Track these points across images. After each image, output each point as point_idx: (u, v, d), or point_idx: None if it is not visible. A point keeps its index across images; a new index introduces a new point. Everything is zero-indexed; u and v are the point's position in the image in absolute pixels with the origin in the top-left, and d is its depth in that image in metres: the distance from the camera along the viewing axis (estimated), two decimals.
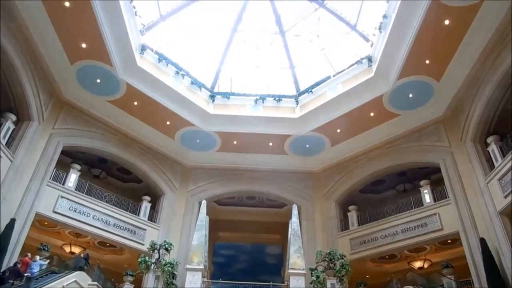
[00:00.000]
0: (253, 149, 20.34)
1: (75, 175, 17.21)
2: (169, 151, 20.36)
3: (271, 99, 19.61)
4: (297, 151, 20.28)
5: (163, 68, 17.84)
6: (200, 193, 20.43)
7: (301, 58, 19.86)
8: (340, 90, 17.87)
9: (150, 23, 17.41)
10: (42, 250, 15.19)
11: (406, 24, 14.29)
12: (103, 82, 16.63)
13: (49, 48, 14.99)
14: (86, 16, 13.94)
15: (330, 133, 19.04)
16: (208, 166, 21.00)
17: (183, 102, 18.32)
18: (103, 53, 15.42)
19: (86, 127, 17.70)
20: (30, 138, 15.21)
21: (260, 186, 20.79)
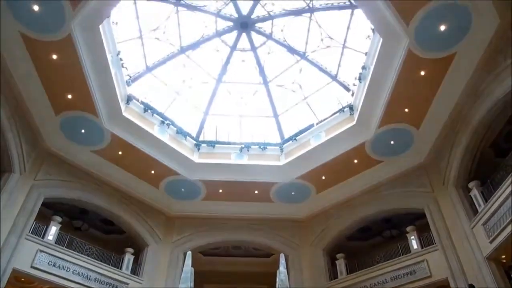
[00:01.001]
0: (238, 197, 20.19)
1: (56, 228, 16.64)
2: (154, 200, 20.04)
3: (256, 147, 19.81)
4: (283, 199, 20.25)
5: (148, 117, 17.98)
6: (185, 243, 19.91)
7: (284, 107, 20.34)
8: (324, 138, 18.23)
9: (136, 74, 17.76)
10: None
11: (384, 74, 14.95)
12: (87, 132, 16.58)
13: (34, 98, 15.00)
14: (73, 68, 14.17)
15: (315, 180, 19.18)
16: (193, 216, 20.63)
17: (168, 151, 18.31)
18: (88, 104, 15.52)
19: (68, 178, 17.35)
20: (10, 190, 14.78)
21: (246, 235, 20.44)
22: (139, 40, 17.28)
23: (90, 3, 12.60)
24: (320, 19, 17.42)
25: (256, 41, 18.71)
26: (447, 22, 12.59)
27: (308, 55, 18.63)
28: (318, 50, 18.29)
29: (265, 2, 17.18)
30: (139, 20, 16.75)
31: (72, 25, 12.92)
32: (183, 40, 18.16)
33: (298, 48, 18.64)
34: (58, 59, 13.84)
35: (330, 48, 18.01)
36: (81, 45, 13.68)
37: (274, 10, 17.44)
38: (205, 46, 18.64)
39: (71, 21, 12.78)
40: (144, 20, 17.00)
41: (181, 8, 17.10)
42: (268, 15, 17.59)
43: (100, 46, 14.31)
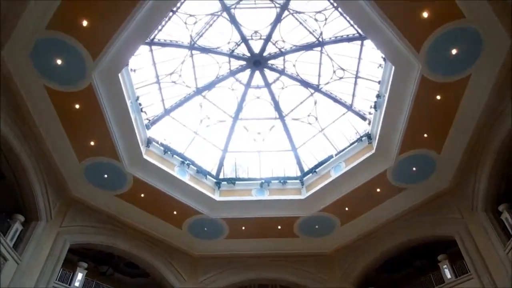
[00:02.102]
0: (262, 234, 19.93)
1: (82, 274, 16.78)
2: (177, 241, 19.97)
3: (276, 181, 19.75)
4: (307, 233, 19.86)
5: (168, 159, 18.30)
6: (211, 284, 19.62)
7: (302, 139, 20.38)
8: (344, 169, 18.05)
9: (155, 118, 18.26)
10: None
11: (399, 101, 14.93)
12: (110, 177, 16.95)
13: (58, 148, 15.55)
14: (94, 116, 14.71)
15: (339, 212, 18.81)
16: (218, 255, 20.40)
17: (189, 191, 18.44)
18: (110, 150, 15.96)
19: (93, 223, 17.60)
20: (38, 238, 15.11)
21: (272, 273, 20.01)
22: (156, 84, 17.88)
23: (109, 53, 13.23)
24: (331, 51, 17.72)
25: (270, 78, 19.10)
26: (458, 46, 12.62)
27: (321, 87, 18.83)
28: (331, 81, 18.48)
29: (276, 39, 17.63)
30: (155, 66, 17.42)
31: (93, 75, 13.54)
32: (199, 81, 18.75)
33: (311, 81, 18.91)
34: (80, 108, 14.43)
35: (343, 79, 18.18)
36: (101, 93, 14.25)
37: (285, 47, 17.86)
38: (220, 85, 19.13)
39: (92, 71, 13.40)
40: (160, 65, 17.66)
41: (195, 51, 17.74)
42: (279, 51, 18.02)
43: (120, 93, 14.88)
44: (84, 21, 12.24)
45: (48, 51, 12.66)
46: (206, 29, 17.34)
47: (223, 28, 17.48)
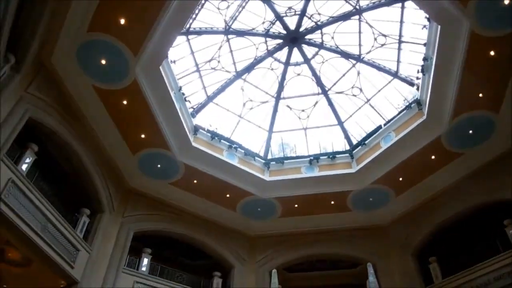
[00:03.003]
0: (315, 210, 19.97)
1: (147, 259, 17.79)
2: (233, 223, 20.57)
3: (325, 157, 19.57)
4: (361, 206, 19.59)
5: (216, 144, 18.71)
6: (269, 262, 20.08)
7: (348, 113, 19.95)
8: (394, 138, 17.46)
9: (199, 105, 18.68)
10: None
11: (448, 62, 14.07)
12: (163, 166, 17.70)
13: (112, 143, 16.45)
14: (142, 109, 15.30)
15: (392, 183, 18.30)
16: (273, 234, 20.79)
17: (239, 173, 18.81)
18: (160, 141, 16.59)
19: (152, 211, 18.57)
20: (104, 229, 16.23)
21: (328, 248, 20.08)
22: (196, 73, 18.21)
23: (149, 48, 13.63)
24: (369, 18, 17.00)
25: (308, 53, 18.76)
26: None
27: (363, 57, 18.20)
28: (373, 50, 17.79)
29: (311, 13, 17.19)
30: (194, 55, 17.71)
31: (136, 70, 14.04)
32: (238, 65, 18.85)
33: (352, 52, 18.32)
34: (128, 103, 15.08)
35: (386, 46, 17.43)
36: (146, 87, 14.77)
37: (321, 19, 17.38)
38: (259, 67, 19.10)
39: (134, 67, 13.90)
40: (198, 54, 17.95)
41: (230, 35, 17.78)
42: (316, 25, 17.58)
43: (163, 85, 15.33)
44: (121, 20, 12.65)
45: (92, 53, 13.29)
46: (239, 12, 17.27)
47: (256, 8, 17.33)
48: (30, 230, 12.21)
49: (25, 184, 12.28)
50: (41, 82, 13.02)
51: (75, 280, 14.24)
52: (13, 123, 11.73)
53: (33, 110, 12.66)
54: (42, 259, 13.35)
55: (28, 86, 12.39)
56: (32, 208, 12.46)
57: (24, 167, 12.61)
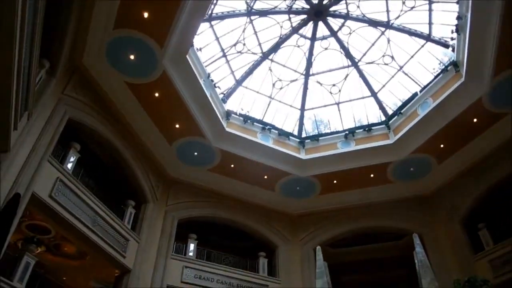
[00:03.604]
0: (355, 185, 19.74)
1: (193, 244, 18.40)
2: (273, 204, 20.75)
3: (360, 130, 19.22)
4: (402, 177, 19.13)
5: (249, 127, 18.81)
6: (312, 240, 20.18)
7: (381, 82, 19.37)
8: (432, 104, 16.79)
9: (229, 90, 18.76)
10: None
11: (485, 18, 13.24)
12: (199, 154, 18.05)
13: (149, 136, 16.93)
14: (174, 100, 15.56)
15: (433, 151, 17.71)
16: (314, 211, 20.80)
17: (275, 154, 18.86)
18: (195, 129, 16.89)
19: (194, 198, 19.08)
20: (149, 218, 16.88)
21: (371, 221, 19.84)
22: (223, 58, 18.23)
23: (174, 37, 13.75)
24: None
25: (334, 25, 18.26)
26: None
27: (392, 22, 17.50)
28: (402, 14, 17.05)
29: None
30: (219, 40, 17.71)
31: (164, 62, 14.26)
32: (263, 46, 18.70)
33: (380, 19, 17.64)
34: (160, 96, 15.41)
35: (416, 8, 16.65)
36: (175, 78, 15.00)
37: None
38: (285, 45, 18.85)
39: (162, 59, 14.12)
40: (223, 39, 17.95)
41: (253, 16, 17.60)
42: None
43: (192, 74, 15.49)
44: (145, 13, 12.83)
45: (120, 49, 13.65)
46: None
47: None
48: (82, 224, 12.96)
49: (72, 181, 12.97)
50: (76, 83, 13.59)
51: (127, 269, 15.01)
52: (55, 125, 12.34)
53: (72, 111, 13.25)
54: (95, 251, 14.17)
55: (64, 88, 12.97)
56: (81, 204, 13.17)
57: (70, 165, 13.29)
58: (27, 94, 9.36)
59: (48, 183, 11.90)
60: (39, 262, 12.09)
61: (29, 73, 8.85)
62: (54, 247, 15.38)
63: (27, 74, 8.68)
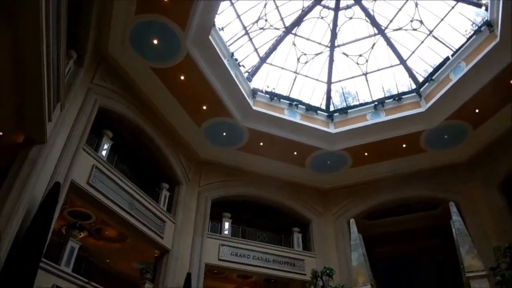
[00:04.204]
0: (387, 156, 19.38)
1: (228, 223, 18.77)
2: (304, 179, 20.74)
3: (390, 100, 18.72)
4: (436, 145, 18.60)
5: (276, 104, 18.69)
6: (345, 213, 20.16)
7: (409, 49, 18.65)
8: (465, 68, 16.06)
9: (253, 68, 18.60)
10: None
11: None
12: (228, 134, 18.18)
13: (177, 119, 17.16)
14: (199, 82, 15.61)
15: (468, 117, 17.03)
16: (346, 185, 20.70)
17: (303, 130, 18.74)
18: (221, 109, 16.95)
19: (225, 178, 19.33)
20: (183, 200, 17.29)
21: (405, 192, 19.53)
22: (246, 36, 18.01)
23: (195, 18, 13.67)
24: None
25: None
26: None
27: None
28: None
29: None
30: (240, 18, 17.48)
31: (187, 44, 14.25)
32: (286, 20, 18.33)
33: None
34: (185, 78, 15.47)
35: None
36: (199, 59, 14.99)
37: None
38: (308, 18, 18.39)
39: (185, 41, 14.11)
40: (244, 16, 17.70)
41: None
42: None
43: (215, 54, 15.43)
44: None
45: (143, 35, 13.72)
46: None
47: None
48: (120, 208, 13.44)
49: (108, 168, 13.40)
50: (104, 72, 13.85)
51: (166, 249, 15.53)
52: (87, 114, 12.69)
53: (101, 99, 13.56)
54: (135, 234, 14.73)
55: (93, 78, 13.25)
56: (118, 189, 13.62)
57: (104, 153, 13.71)
58: (58, 86, 9.62)
59: (85, 171, 12.35)
60: (83, 246, 12.67)
61: (58, 65, 9.06)
62: (96, 231, 16.09)
63: (56, 66, 8.89)
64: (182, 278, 15.12)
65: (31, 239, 8.79)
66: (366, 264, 16.70)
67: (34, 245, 8.79)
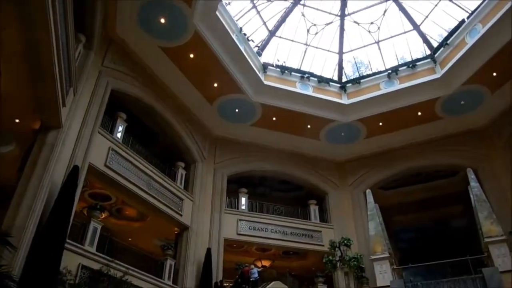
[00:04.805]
0: (402, 124, 19.14)
1: (244, 198, 19.02)
2: (319, 152, 20.72)
3: (404, 68, 18.33)
4: (453, 112, 18.25)
5: (287, 78, 18.51)
6: (361, 184, 20.19)
7: (423, 13, 18.04)
8: (482, 30, 15.51)
9: (263, 42, 18.34)
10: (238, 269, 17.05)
11: None
12: (241, 110, 18.16)
13: (190, 98, 17.19)
14: (209, 59, 15.50)
15: (485, 80, 16.58)
16: (362, 155, 20.64)
17: (316, 102, 18.59)
18: (233, 86, 16.88)
19: (240, 155, 19.45)
20: (200, 177, 17.51)
21: (422, 160, 19.37)
22: (253, 9, 17.66)
23: None
24: None
25: None
26: None
27: None
28: None
29: None
30: None
31: (194, 21, 14.06)
32: None
33: None
34: (195, 56, 15.38)
35: None
36: (207, 36, 14.81)
37: None
38: None
39: (192, 18, 13.91)
40: None
41: None
42: None
43: (223, 30, 15.25)
44: None
45: (150, 15, 13.59)
46: None
47: None
48: (138, 188, 13.72)
49: (124, 149, 13.61)
50: (114, 54, 13.86)
51: (185, 226, 15.88)
52: (99, 97, 12.80)
53: (113, 82, 13.63)
54: (154, 212, 15.07)
55: (103, 60, 13.26)
56: (135, 170, 13.87)
57: (119, 135, 13.88)
58: (69, 70, 9.67)
59: (102, 153, 12.57)
60: (105, 227, 13.01)
61: (68, 49, 9.09)
62: (116, 211, 16.50)
63: (66, 51, 8.91)
64: (202, 253, 15.54)
65: (55, 221, 9.09)
66: (383, 233, 16.84)
67: (58, 227, 9.08)
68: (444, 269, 15.24)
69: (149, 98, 15.40)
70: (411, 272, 16.20)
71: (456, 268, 14.91)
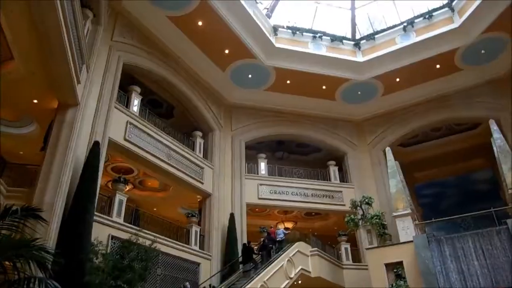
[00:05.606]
0: (420, 79, 18.71)
1: (264, 163, 19.19)
2: (336, 112, 20.52)
3: (420, 19, 17.65)
4: (473, 62, 17.65)
5: (299, 39, 18.13)
6: (381, 142, 20.02)
7: None
8: None
9: (272, 4, 17.83)
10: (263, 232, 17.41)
11: None
12: (254, 75, 18.02)
13: (202, 67, 17.08)
14: (218, 25, 15.27)
15: (507, 26, 15.75)
16: (380, 113, 20.40)
17: (330, 62, 18.24)
18: (244, 51, 16.66)
19: (256, 120, 19.47)
20: (218, 145, 17.69)
21: (441, 114, 19.03)
22: None
23: None
24: None
25: None
26: None
27: None
28: None
29: None
30: None
31: None
32: None
33: None
34: (204, 24, 15.14)
35: None
36: (214, 1, 14.48)
37: None
38: None
39: None
40: None
41: None
42: None
43: None
44: None
45: None
46: None
47: None
48: (158, 160, 14.00)
49: (141, 122, 13.79)
50: (122, 28, 13.80)
51: (207, 193, 16.24)
52: (112, 72, 12.86)
53: (124, 56, 13.62)
54: (176, 182, 15.43)
55: (112, 35, 13.21)
56: (154, 141, 14.09)
57: (135, 108, 14.00)
58: (80, 47, 9.70)
59: (120, 128, 12.76)
60: (130, 198, 13.44)
61: (76, 26, 9.07)
62: (140, 183, 16.94)
63: (74, 28, 8.91)
64: (226, 219, 15.97)
65: (82, 195, 9.43)
66: (405, 190, 16.79)
67: (86, 200, 9.43)
68: (467, 222, 15.21)
69: (161, 70, 15.37)
70: (434, 227, 16.17)
71: (479, 221, 14.85)
